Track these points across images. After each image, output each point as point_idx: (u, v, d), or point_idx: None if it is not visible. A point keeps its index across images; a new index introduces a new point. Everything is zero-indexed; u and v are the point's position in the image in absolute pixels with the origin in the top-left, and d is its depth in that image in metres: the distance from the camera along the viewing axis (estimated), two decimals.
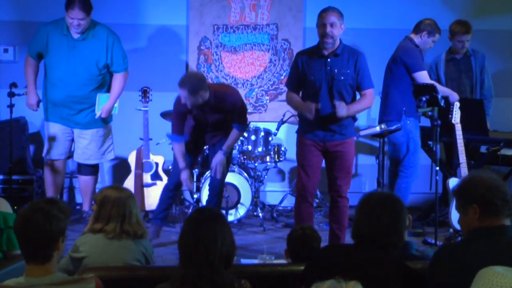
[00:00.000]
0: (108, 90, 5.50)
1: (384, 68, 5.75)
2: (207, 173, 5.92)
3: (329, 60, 4.52)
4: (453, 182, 5.30)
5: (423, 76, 5.44)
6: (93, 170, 5.70)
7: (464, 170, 5.23)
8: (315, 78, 4.53)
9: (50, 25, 5.39)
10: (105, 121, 5.56)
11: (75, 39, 5.29)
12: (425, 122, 5.77)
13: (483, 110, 5.69)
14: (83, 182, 5.71)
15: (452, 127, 5.24)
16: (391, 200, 2.64)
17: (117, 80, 5.45)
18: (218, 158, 5.08)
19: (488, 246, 2.47)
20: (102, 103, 5.41)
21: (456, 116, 5.20)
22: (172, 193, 5.29)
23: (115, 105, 5.51)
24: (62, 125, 5.51)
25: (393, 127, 5.13)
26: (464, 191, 2.61)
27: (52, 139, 5.53)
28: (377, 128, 4.88)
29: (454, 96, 5.56)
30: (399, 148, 5.53)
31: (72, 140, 5.62)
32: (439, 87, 5.42)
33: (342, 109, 4.42)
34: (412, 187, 5.71)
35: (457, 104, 5.23)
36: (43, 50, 5.39)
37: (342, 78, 4.52)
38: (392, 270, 2.51)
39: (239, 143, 5.95)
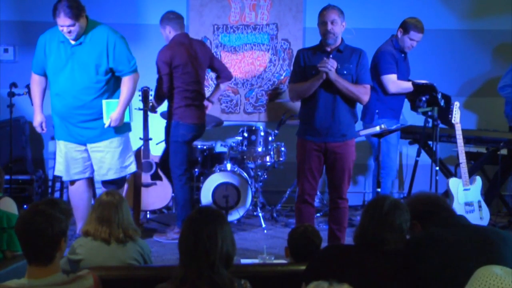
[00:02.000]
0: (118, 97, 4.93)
1: None
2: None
3: (331, 55, 4.51)
4: (452, 181, 5.30)
5: (390, 80, 5.45)
6: (116, 186, 4.99)
7: (464, 170, 5.23)
8: (317, 73, 4.51)
9: (47, 34, 4.87)
10: (119, 130, 4.92)
11: (72, 45, 4.74)
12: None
13: None
14: None
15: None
16: (401, 207, 2.69)
17: (125, 84, 4.84)
18: None
19: (463, 228, 2.67)
20: (110, 111, 4.82)
21: (456, 116, 5.21)
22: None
23: (127, 112, 4.91)
24: (73, 143, 4.92)
25: (393, 127, 5.14)
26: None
27: (62, 157, 4.96)
28: (377, 128, 4.88)
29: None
30: (373, 149, 5.55)
31: (89, 156, 4.99)
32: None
33: (330, 65, 4.37)
34: (391, 187, 5.71)
35: (457, 104, 5.23)
36: (44, 62, 4.87)
37: (345, 72, 4.50)
38: (396, 272, 2.51)
39: (239, 142, 5.96)
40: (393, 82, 5.48)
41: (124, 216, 3.28)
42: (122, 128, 4.93)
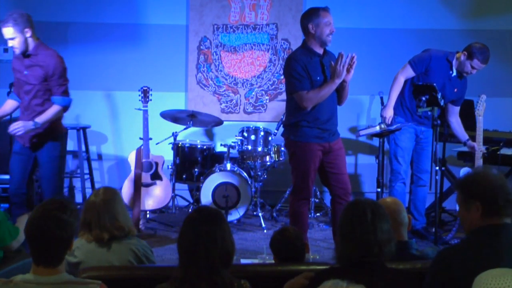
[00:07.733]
0: None
1: (381, 68, 5.71)
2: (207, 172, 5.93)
3: (323, 59, 4.56)
4: (464, 171, 5.29)
5: (407, 71, 5.29)
6: None
7: (479, 161, 5.27)
8: (321, 78, 4.53)
9: None
10: None
11: None
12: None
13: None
14: None
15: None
16: (381, 210, 2.51)
17: None
18: None
19: (491, 245, 2.46)
20: None
21: (480, 109, 5.23)
22: None
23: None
24: None
25: (393, 127, 5.13)
26: (468, 186, 2.58)
27: None
28: (377, 128, 4.87)
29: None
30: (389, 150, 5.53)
31: None
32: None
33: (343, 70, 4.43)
34: (403, 190, 5.58)
35: (483, 97, 5.26)
36: None
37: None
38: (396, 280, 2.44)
39: (239, 142, 5.96)
40: (404, 75, 5.32)
41: (108, 215, 3.19)
42: None
